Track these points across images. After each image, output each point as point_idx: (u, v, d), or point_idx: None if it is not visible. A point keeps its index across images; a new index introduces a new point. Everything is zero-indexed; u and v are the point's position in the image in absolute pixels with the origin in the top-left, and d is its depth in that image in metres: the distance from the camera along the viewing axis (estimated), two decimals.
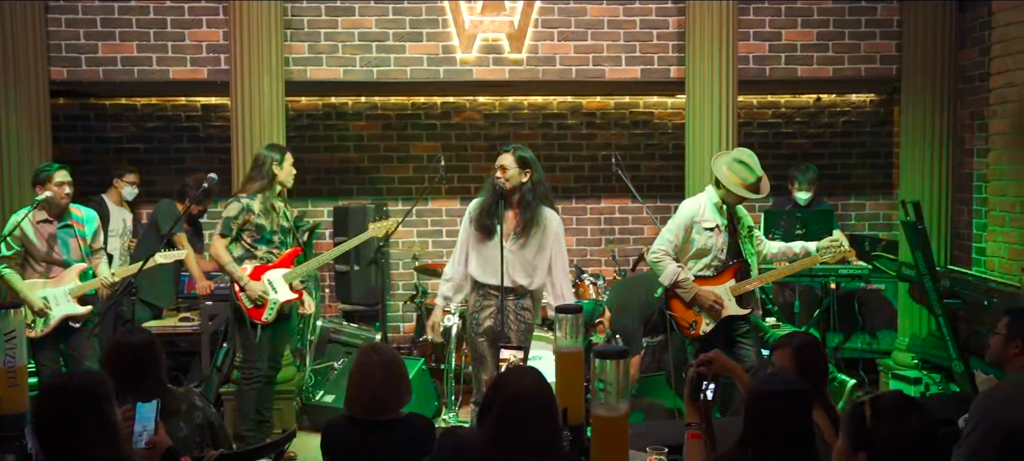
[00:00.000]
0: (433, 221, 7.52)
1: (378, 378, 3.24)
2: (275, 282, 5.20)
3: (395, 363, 3.31)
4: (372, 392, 3.23)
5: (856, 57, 6.44)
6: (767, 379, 2.75)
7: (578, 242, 7.60)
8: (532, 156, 4.94)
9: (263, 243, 5.20)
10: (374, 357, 3.30)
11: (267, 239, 5.20)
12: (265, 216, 5.18)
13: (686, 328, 5.11)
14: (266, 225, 5.18)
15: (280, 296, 5.19)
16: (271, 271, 5.20)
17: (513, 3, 6.31)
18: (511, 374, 2.72)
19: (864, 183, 7.64)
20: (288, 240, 5.34)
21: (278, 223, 5.25)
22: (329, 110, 7.42)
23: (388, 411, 3.26)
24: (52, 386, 2.75)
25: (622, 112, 7.54)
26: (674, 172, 7.38)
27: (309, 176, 7.42)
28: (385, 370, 3.26)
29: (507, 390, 2.57)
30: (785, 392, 2.62)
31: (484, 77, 6.36)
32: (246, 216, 5.14)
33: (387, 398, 3.26)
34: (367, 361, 3.30)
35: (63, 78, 6.18)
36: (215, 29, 6.19)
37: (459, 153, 7.47)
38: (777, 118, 7.61)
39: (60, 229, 5.28)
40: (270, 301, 5.16)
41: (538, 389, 2.57)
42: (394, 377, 3.29)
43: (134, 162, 7.05)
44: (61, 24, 6.13)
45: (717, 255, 5.08)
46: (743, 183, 4.97)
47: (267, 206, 5.19)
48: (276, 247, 5.25)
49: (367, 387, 3.24)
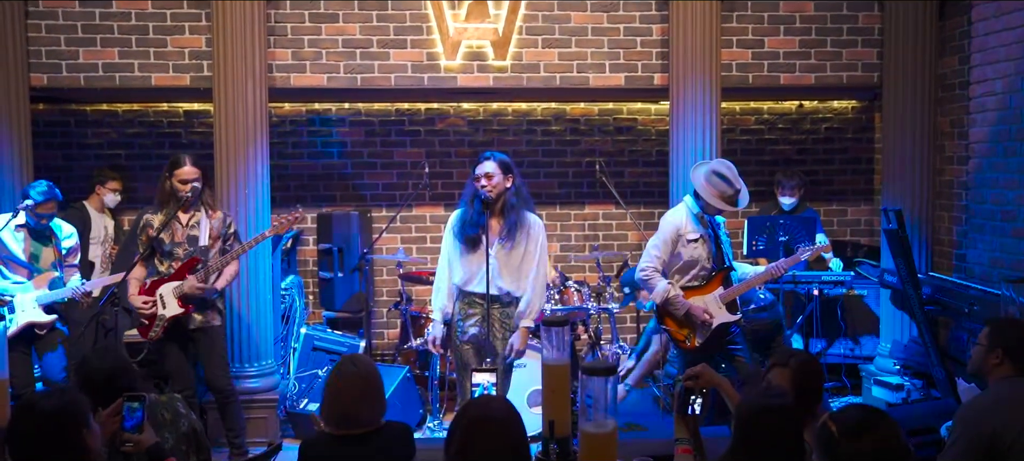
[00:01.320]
0: (417, 227, 7.51)
1: (355, 392, 3.23)
2: (165, 297, 5.04)
3: (372, 376, 3.30)
4: (348, 406, 3.22)
5: (838, 64, 6.48)
6: (757, 394, 2.76)
7: (562, 248, 7.61)
8: (512, 160, 4.99)
9: (164, 257, 5.10)
10: (351, 368, 3.29)
11: (167, 253, 5.09)
12: (165, 230, 5.06)
13: (682, 341, 5.13)
14: (165, 239, 5.07)
15: (168, 311, 5.03)
16: (165, 285, 5.05)
17: (497, 10, 6.31)
18: (476, 401, 2.73)
19: (846, 189, 7.69)
20: (196, 251, 5.11)
21: (184, 235, 5.10)
22: (313, 116, 7.40)
23: (363, 425, 3.25)
24: (26, 407, 2.74)
25: (606, 118, 7.55)
26: (658, 178, 7.41)
27: (292, 182, 7.40)
28: (363, 383, 3.26)
29: (470, 417, 2.57)
30: (774, 407, 2.64)
31: (468, 84, 6.36)
32: (147, 231, 5.08)
33: (363, 412, 3.25)
34: (344, 373, 3.29)
35: (44, 84, 6.13)
36: (198, 35, 6.15)
37: (443, 159, 7.46)
38: (760, 124, 7.65)
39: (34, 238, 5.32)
40: (157, 317, 5.03)
41: (501, 416, 2.57)
42: (370, 391, 3.28)
43: (116, 168, 7.00)
44: (41, 30, 6.07)
45: (703, 265, 5.11)
46: (721, 195, 5.02)
47: (168, 220, 5.06)
48: (178, 260, 5.09)
49: (343, 400, 3.23)
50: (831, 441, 2.45)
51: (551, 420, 2.99)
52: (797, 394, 3.05)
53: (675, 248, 5.08)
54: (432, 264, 7.28)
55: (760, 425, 2.62)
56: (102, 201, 6.72)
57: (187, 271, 5.02)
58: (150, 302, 5.01)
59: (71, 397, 2.79)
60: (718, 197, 5.00)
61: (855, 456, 2.41)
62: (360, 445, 3.21)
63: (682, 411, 3.05)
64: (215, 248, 5.15)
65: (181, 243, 5.08)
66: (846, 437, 2.41)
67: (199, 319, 5.11)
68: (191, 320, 5.09)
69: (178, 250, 5.08)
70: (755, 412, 2.65)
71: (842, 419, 2.46)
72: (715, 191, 5.01)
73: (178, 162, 5.05)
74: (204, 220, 5.12)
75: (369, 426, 3.25)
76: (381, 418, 3.31)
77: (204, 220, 5.12)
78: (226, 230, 5.19)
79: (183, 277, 5.01)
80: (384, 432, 3.28)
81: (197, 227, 5.11)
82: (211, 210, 5.18)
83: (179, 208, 5.06)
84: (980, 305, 5.30)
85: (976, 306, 5.34)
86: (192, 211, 5.13)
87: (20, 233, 5.37)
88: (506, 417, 2.60)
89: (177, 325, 5.06)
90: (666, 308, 5.09)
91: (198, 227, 5.11)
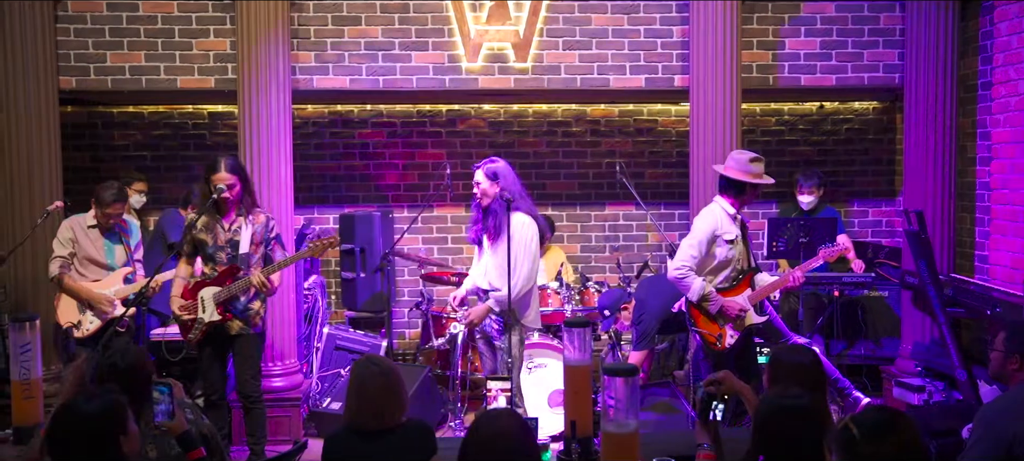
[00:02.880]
0: (438, 228, 7.57)
1: (377, 389, 3.30)
2: (206, 301, 5.04)
3: (393, 374, 3.36)
4: (372, 403, 3.29)
5: (859, 66, 6.47)
6: (775, 395, 2.78)
7: (582, 248, 7.65)
8: (500, 168, 5.21)
9: (207, 259, 5.11)
10: (372, 368, 3.35)
11: (210, 256, 5.09)
12: (207, 232, 5.09)
13: (713, 342, 5.13)
14: (207, 241, 5.08)
15: (206, 315, 5.04)
16: (206, 289, 5.05)
17: (518, 12, 6.35)
18: (487, 415, 2.77)
19: (867, 190, 7.67)
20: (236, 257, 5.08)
21: (226, 239, 5.09)
22: (335, 118, 7.47)
23: (386, 422, 3.30)
24: (67, 409, 2.79)
25: (626, 120, 7.58)
26: (678, 179, 7.43)
27: (315, 183, 7.47)
28: (384, 380, 3.32)
29: (481, 431, 2.61)
30: (793, 408, 2.66)
31: (489, 86, 6.41)
32: (190, 231, 5.10)
33: (386, 409, 3.30)
34: (365, 373, 3.35)
35: (72, 87, 6.23)
36: (222, 38, 6.23)
37: (464, 160, 7.50)
38: (780, 126, 7.65)
39: (107, 236, 5.55)
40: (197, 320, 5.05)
41: (510, 431, 2.61)
42: (393, 388, 3.34)
43: (141, 169, 7.10)
44: (70, 34, 6.17)
45: (735, 266, 5.13)
46: (756, 174, 5.10)
47: (210, 222, 5.08)
48: (222, 264, 5.07)
49: (367, 398, 3.29)
50: (851, 442, 2.46)
51: (573, 420, 3.04)
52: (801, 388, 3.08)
53: (711, 248, 5.10)
54: (453, 264, 7.36)
55: (779, 426, 2.64)
56: (128, 202, 6.80)
57: (228, 278, 5.02)
58: (186, 306, 5.03)
59: (112, 399, 2.83)
60: (755, 176, 5.09)
61: (875, 457, 2.42)
62: (382, 441, 3.27)
63: (704, 416, 3.08)
64: (258, 254, 5.12)
65: (223, 247, 5.07)
66: (866, 438, 2.41)
67: (239, 326, 5.11)
68: (230, 326, 5.10)
69: (221, 254, 5.06)
70: (774, 413, 2.67)
71: (862, 420, 2.47)
72: (752, 171, 5.09)
73: (214, 167, 5.03)
74: (245, 225, 5.09)
75: (391, 424, 3.31)
76: (403, 415, 3.36)
77: (245, 225, 5.09)
78: (268, 234, 5.15)
79: (223, 283, 5.02)
80: (405, 429, 3.34)
81: (238, 232, 5.09)
82: (253, 215, 5.14)
83: (215, 210, 5.05)
84: (1003, 307, 5.29)
85: (998, 308, 5.32)
86: (234, 215, 5.10)
87: (93, 232, 5.52)
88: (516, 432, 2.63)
89: (218, 329, 5.07)
90: (701, 305, 5.11)
91: (239, 232, 5.08)
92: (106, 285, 5.52)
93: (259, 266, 5.12)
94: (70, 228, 5.49)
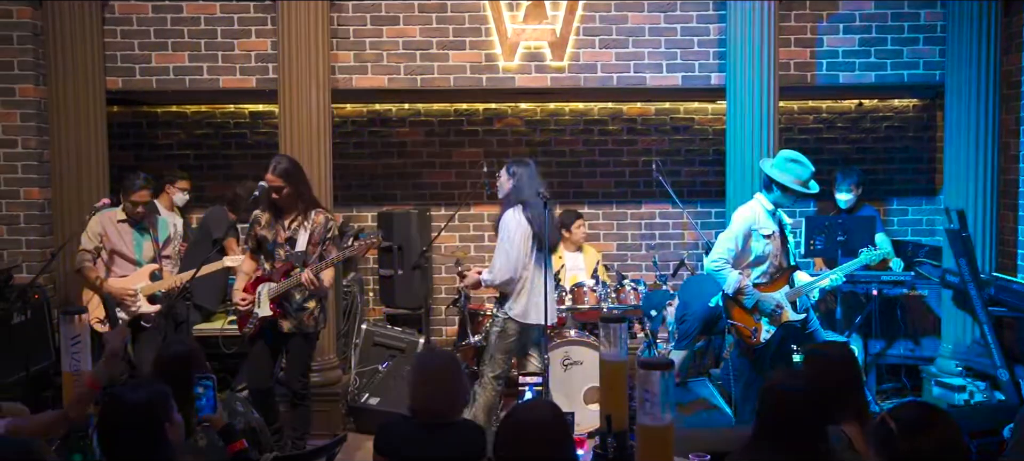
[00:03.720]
0: (475, 226, 7.62)
1: (447, 381, 3.36)
2: (262, 296, 5.12)
3: (455, 371, 3.42)
4: (441, 394, 3.34)
5: (899, 63, 6.42)
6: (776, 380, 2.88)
7: (619, 247, 7.66)
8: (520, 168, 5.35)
9: (267, 256, 5.18)
10: (439, 361, 3.42)
11: (270, 252, 5.17)
12: (269, 228, 5.17)
13: (748, 336, 5.14)
14: (268, 237, 5.17)
15: (261, 311, 5.11)
16: (264, 284, 5.14)
17: (555, 11, 6.38)
18: (523, 404, 2.80)
19: (907, 188, 7.60)
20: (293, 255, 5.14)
21: (285, 237, 5.15)
22: (374, 117, 7.55)
23: (450, 414, 3.36)
24: (114, 399, 2.88)
25: (663, 118, 7.58)
26: (715, 177, 7.41)
27: (354, 182, 7.56)
28: (447, 377, 3.38)
29: (517, 419, 2.64)
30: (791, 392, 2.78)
31: (526, 84, 6.45)
32: (254, 227, 5.21)
33: (452, 401, 3.36)
34: (433, 364, 3.41)
35: (118, 87, 6.36)
36: (263, 39, 6.34)
37: (501, 159, 7.54)
38: (818, 123, 7.60)
39: (136, 231, 5.55)
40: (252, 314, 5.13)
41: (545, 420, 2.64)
42: (455, 384, 3.39)
43: (184, 168, 7.23)
44: (117, 35, 6.31)
45: (772, 261, 5.13)
46: (798, 180, 5.07)
47: (272, 219, 5.16)
48: (280, 261, 5.15)
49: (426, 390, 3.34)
50: (890, 437, 2.46)
51: (608, 415, 3.07)
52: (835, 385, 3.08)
53: (748, 242, 5.12)
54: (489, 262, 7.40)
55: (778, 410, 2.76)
56: (172, 200, 6.94)
57: (283, 276, 5.12)
58: (248, 299, 5.12)
59: (157, 389, 2.92)
60: (797, 182, 5.08)
61: (914, 453, 2.42)
62: (435, 434, 3.32)
63: None
64: (315, 253, 5.16)
65: (282, 244, 5.15)
66: (905, 434, 2.42)
67: (291, 325, 5.17)
68: (282, 324, 5.16)
69: (280, 251, 5.14)
70: (774, 397, 2.79)
71: (901, 416, 2.47)
72: (793, 177, 5.08)
73: (268, 168, 5.14)
74: (304, 225, 5.15)
75: (448, 416, 3.35)
76: (461, 409, 3.42)
77: (304, 225, 5.15)
78: (326, 234, 5.20)
79: (278, 280, 5.10)
80: (459, 427, 3.39)
81: (296, 231, 5.14)
82: (313, 215, 5.18)
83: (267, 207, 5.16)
84: None
85: None
86: (295, 213, 5.15)
87: (123, 226, 5.63)
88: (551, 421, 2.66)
89: (274, 324, 5.14)
90: (737, 299, 5.12)
91: (297, 231, 5.14)
92: (133, 281, 5.58)
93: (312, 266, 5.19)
94: (99, 222, 5.56)
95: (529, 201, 5.30)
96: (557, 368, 5.85)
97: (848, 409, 3.13)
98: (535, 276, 5.34)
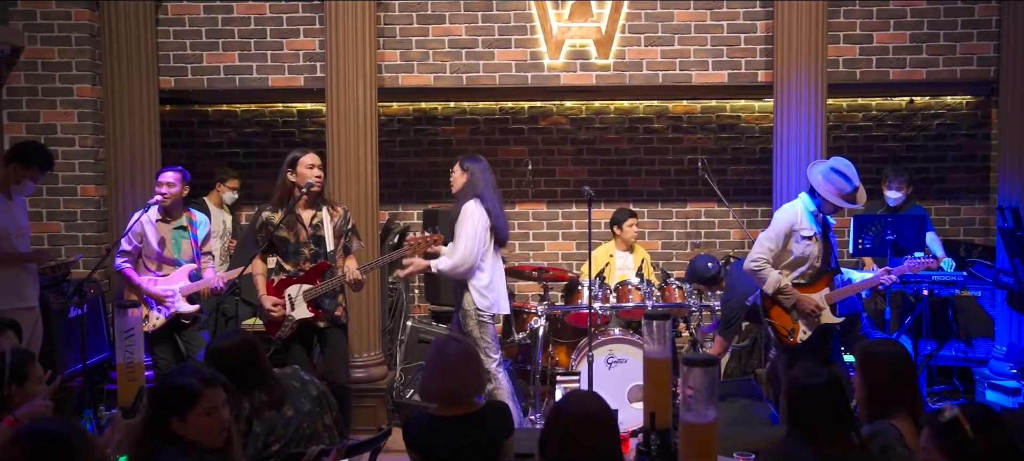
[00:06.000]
0: (520, 224, 7.64)
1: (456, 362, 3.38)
2: (294, 298, 5.06)
3: (470, 350, 3.46)
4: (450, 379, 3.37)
5: (952, 59, 6.30)
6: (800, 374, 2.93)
7: (664, 246, 7.62)
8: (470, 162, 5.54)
9: (289, 257, 5.12)
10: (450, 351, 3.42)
11: (293, 253, 5.11)
12: (288, 229, 5.10)
13: (785, 335, 5.11)
14: (289, 238, 5.12)
15: (297, 314, 5.06)
16: (293, 286, 5.07)
17: (600, 9, 6.37)
18: (571, 397, 2.80)
19: (959, 187, 7.46)
20: (323, 252, 5.11)
21: (309, 235, 5.11)
22: (420, 115, 7.61)
23: (465, 399, 3.38)
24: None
25: (709, 116, 7.53)
26: (761, 176, 7.34)
27: (400, 179, 7.63)
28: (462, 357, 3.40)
29: (568, 414, 2.64)
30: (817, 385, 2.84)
31: (571, 82, 6.45)
32: (267, 228, 5.12)
33: (464, 385, 3.38)
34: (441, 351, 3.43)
35: (171, 87, 6.49)
36: (311, 38, 6.42)
37: (545, 157, 7.57)
38: (868, 121, 7.49)
39: (174, 230, 5.62)
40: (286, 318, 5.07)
41: (598, 411, 2.64)
42: (471, 363, 3.42)
43: (234, 166, 7.35)
44: (170, 35, 6.44)
45: (813, 263, 5.08)
46: (840, 193, 4.99)
47: (290, 219, 5.09)
48: (306, 260, 5.10)
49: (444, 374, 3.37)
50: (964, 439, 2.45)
51: (652, 412, 3.06)
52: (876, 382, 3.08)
53: (788, 243, 5.07)
54: (535, 260, 7.43)
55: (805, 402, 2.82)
56: (221, 198, 7.07)
57: (317, 275, 5.08)
58: (280, 304, 5.08)
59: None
60: (837, 195, 4.99)
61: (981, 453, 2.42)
62: (461, 423, 3.36)
63: None
64: (338, 246, 5.18)
65: (306, 243, 5.11)
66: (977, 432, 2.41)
67: (326, 320, 5.18)
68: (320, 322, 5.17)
69: (305, 250, 5.09)
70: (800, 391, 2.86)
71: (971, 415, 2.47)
72: (834, 189, 5.00)
73: (299, 155, 5.11)
74: (326, 219, 5.14)
75: (469, 403, 3.39)
76: (480, 394, 3.44)
77: (326, 219, 5.14)
78: (347, 227, 5.23)
79: (313, 281, 5.06)
80: (484, 412, 3.42)
81: (321, 227, 5.10)
82: (332, 208, 5.20)
83: (297, 204, 5.07)
84: None
85: None
86: (313, 209, 5.14)
87: (161, 225, 5.69)
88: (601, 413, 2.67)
89: (306, 324, 5.13)
90: (776, 299, 5.08)
91: (322, 227, 5.10)
92: (171, 281, 5.60)
93: (341, 258, 5.22)
94: (139, 223, 5.55)
95: (485, 194, 5.42)
96: (601, 366, 5.84)
97: (900, 404, 3.10)
98: (496, 268, 5.48)
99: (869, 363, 3.25)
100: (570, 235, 7.67)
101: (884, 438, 2.98)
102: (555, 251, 7.67)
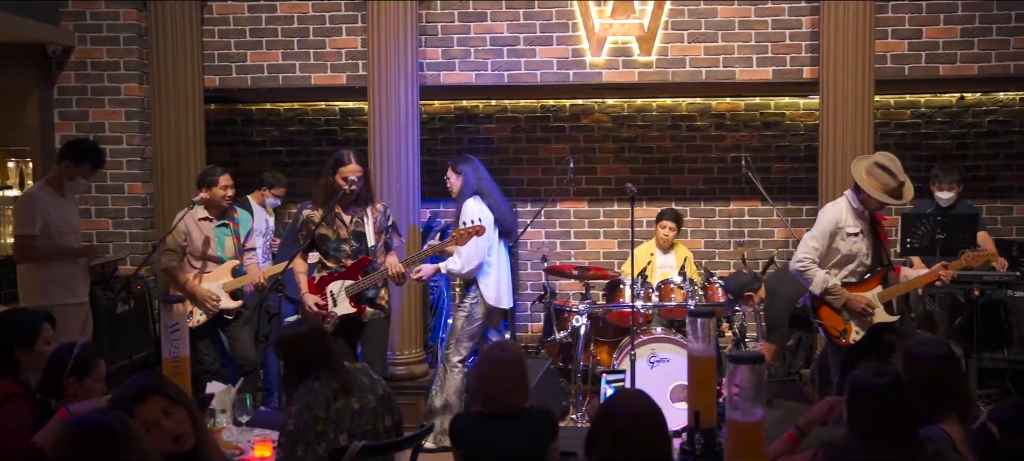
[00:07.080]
0: (561, 222, 7.62)
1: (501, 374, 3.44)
2: (337, 294, 5.09)
3: (517, 360, 3.50)
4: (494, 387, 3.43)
5: (1004, 53, 6.15)
6: (865, 374, 2.81)
7: (706, 244, 7.55)
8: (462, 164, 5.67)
9: (330, 255, 5.14)
10: (497, 353, 3.50)
11: (334, 250, 5.13)
12: (328, 227, 5.13)
13: (837, 337, 4.99)
14: (329, 235, 5.14)
15: (339, 310, 5.09)
16: (335, 283, 5.10)
17: (643, 5, 6.32)
18: (619, 396, 2.77)
19: (1012, 185, 7.28)
20: (364, 248, 5.13)
21: (350, 233, 5.14)
22: (461, 113, 7.62)
23: (509, 406, 3.43)
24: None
25: (753, 113, 7.44)
26: (806, 174, 7.24)
27: (441, 177, 7.61)
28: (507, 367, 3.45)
29: (620, 414, 2.62)
30: (881, 386, 2.72)
31: (613, 79, 6.41)
32: (308, 226, 5.15)
33: (508, 393, 3.43)
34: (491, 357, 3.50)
35: (215, 85, 6.57)
36: (354, 36, 6.45)
37: (587, 155, 7.53)
38: (916, 118, 7.35)
39: (218, 227, 5.68)
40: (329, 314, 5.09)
41: (648, 410, 2.61)
42: (515, 374, 3.47)
43: (277, 164, 7.41)
44: (214, 35, 6.51)
45: (862, 261, 4.96)
46: (883, 188, 4.84)
47: (330, 217, 5.11)
48: (347, 257, 5.12)
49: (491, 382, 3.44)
50: (992, 442, 2.39)
51: (696, 411, 3.03)
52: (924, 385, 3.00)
53: (833, 241, 4.96)
54: (577, 258, 7.40)
55: (870, 404, 2.70)
56: (264, 200, 7.11)
57: (358, 271, 5.11)
58: (323, 304, 5.11)
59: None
60: (880, 190, 4.84)
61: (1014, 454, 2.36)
62: (506, 424, 3.41)
63: None
64: (379, 243, 5.22)
65: (347, 239, 5.14)
66: (1007, 434, 2.35)
67: (370, 312, 5.21)
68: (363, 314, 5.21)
69: (345, 247, 5.12)
70: (864, 392, 2.73)
71: (1000, 417, 2.40)
72: (877, 184, 4.86)
73: (342, 159, 5.10)
74: (368, 216, 5.17)
75: (514, 407, 3.43)
76: (525, 400, 3.48)
77: (368, 216, 5.17)
78: (387, 223, 5.26)
79: (355, 276, 5.09)
80: (529, 414, 3.48)
81: (362, 224, 5.13)
82: (373, 205, 5.22)
83: (338, 203, 5.09)
84: None
85: None
86: (354, 207, 5.16)
87: (205, 224, 5.77)
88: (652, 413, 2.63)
89: (349, 319, 5.17)
90: (824, 299, 4.98)
91: (363, 224, 5.14)
92: (215, 277, 5.64)
93: (382, 255, 5.25)
94: (184, 222, 5.58)
95: (485, 190, 5.53)
96: (643, 366, 5.80)
97: (949, 407, 3.02)
98: (501, 262, 5.58)
99: (913, 365, 3.18)
100: (611, 234, 7.63)
101: (935, 443, 2.90)
102: (596, 249, 7.63)
